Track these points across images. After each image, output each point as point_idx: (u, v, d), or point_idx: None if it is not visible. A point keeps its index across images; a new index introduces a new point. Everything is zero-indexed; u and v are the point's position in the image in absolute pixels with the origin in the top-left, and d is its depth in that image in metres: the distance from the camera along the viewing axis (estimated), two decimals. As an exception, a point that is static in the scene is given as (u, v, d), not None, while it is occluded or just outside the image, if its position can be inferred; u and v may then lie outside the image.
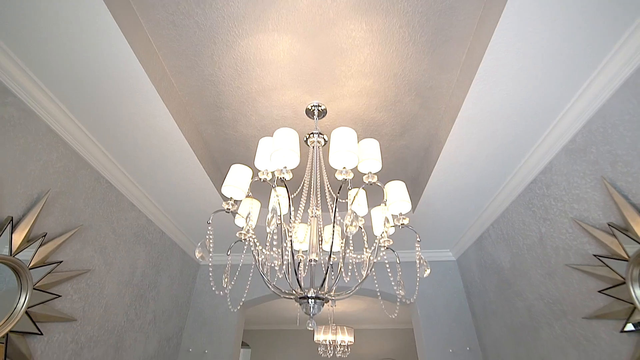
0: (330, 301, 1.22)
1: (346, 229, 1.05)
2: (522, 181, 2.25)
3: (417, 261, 1.25)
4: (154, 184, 2.45)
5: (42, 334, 1.71)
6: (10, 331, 1.56)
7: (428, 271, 1.21)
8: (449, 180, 2.36)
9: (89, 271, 2.05)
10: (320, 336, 5.64)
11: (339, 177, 1.14)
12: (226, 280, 1.37)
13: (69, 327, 1.90)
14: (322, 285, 1.15)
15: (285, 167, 1.10)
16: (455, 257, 3.60)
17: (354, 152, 1.13)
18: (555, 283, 2.02)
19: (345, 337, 5.68)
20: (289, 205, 1.23)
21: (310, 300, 1.13)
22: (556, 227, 1.99)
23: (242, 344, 8.64)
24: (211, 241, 1.14)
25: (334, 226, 1.18)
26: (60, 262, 1.81)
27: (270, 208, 0.98)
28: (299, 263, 1.38)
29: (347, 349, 5.89)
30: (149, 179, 2.39)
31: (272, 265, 1.34)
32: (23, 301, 1.60)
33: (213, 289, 1.24)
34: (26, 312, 1.64)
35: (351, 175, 1.14)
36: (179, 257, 3.24)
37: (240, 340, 3.46)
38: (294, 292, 1.17)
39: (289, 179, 1.12)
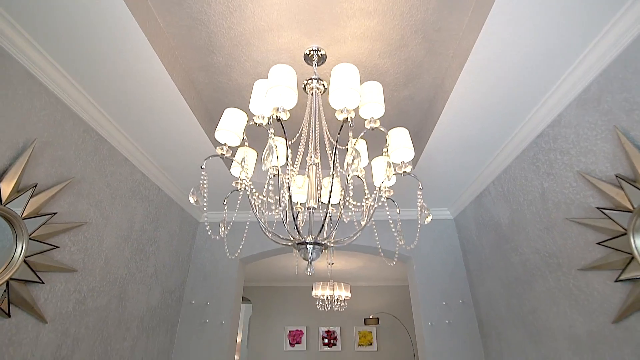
0: (328, 249, 1.20)
1: (347, 169, 1.00)
2: (528, 135, 2.17)
3: (419, 209, 1.21)
4: (146, 138, 2.37)
5: (43, 282, 1.72)
6: (11, 278, 1.57)
7: (429, 217, 1.18)
8: (452, 133, 2.28)
9: (86, 224, 2.03)
10: (318, 291, 5.87)
11: (340, 116, 1.07)
12: (223, 229, 1.35)
13: (70, 277, 1.92)
14: (320, 231, 1.12)
15: (282, 107, 1.02)
16: (453, 216, 3.62)
17: (356, 90, 1.04)
18: (553, 237, 2.02)
19: (342, 293, 5.92)
20: (287, 150, 1.16)
21: (308, 245, 1.11)
22: (559, 182, 1.95)
23: (243, 300, 9.06)
24: (205, 186, 1.09)
25: (333, 170, 1.13)
26: (55, 213, 1.78)
27: (266, 148, 0.92)
28: (297, 214, 1.35)
29: (344, 303, 6.16)
30: (140, 132, 2.30)
31: (270, 213, 1.30)
32: (20, 250, 1.59)
33: (209, 233, 1.21)
34: (25, 262, 1.64)
35: (352, 114, 1.07)
36: (177, 214, 3.24)
37: (240, 293, 3.58)
38: (292, 238, 1.15)
39: (285, 119, 1.04)
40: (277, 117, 1.02)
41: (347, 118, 1.06)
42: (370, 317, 8.21)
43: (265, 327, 8.51)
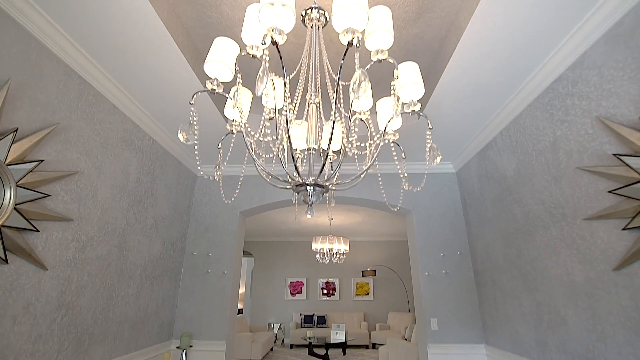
0: (328, 193, 1.13)
1: (352, 100, 0.89)
2: (545, 79, 2.02)
3: (427, 150, 1.12)
4: (134, 83, 2.21)
5: (38, 230, 1.69)
6: (3, 225, 1.53)
7: (439, 158, 1.09)
8: (463, 77, 2.12)
9: (77, 173, 1.95)
10: (317, 245, 6.02)
11: (344, 39, 0.93)
12: (217, 171, 1.27)
13: (66, 226, 1.89)
14: (321, 171, 1.04)
15: (278, 28, 0.88)
16: (455, 170, 3.55)
17: (364, 7, 0.89)
18: (561, 187, 1.96)
19: (341, 246, 6.07)
20: (284, 85, 1.04)
21: (308, 187, 1.04)
22: (574, 129, 1.84)
23: (245, 254, 9.37)
24: (196, 123, 0.98)
25: (336, 103, 1.02)
26: (42, 161, 1.69)
27: (260, 70, 0.80)
28: (297, 159, 1.26)
29: (343, 256, 6.35)
30: (127, 76, 2.13)
31: (268, 156, 1.22)
32: (9, 197, 1.53)
33: (202, 174, 1.13)
34: (16, 209, 1.58)
35: (359, 36, 0.93)
36: (174, 167, 3.17)
37: (241, 245, 3.63)
38: (291, 180, 1.07)
39: (282, 42, 0.91)
40: (272, 40, 0.88)
41: (352, 41, 0.92)
42: (368, 269, 8.55)
43: (267, 279, 8.90)
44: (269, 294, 8.74)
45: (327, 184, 1.09)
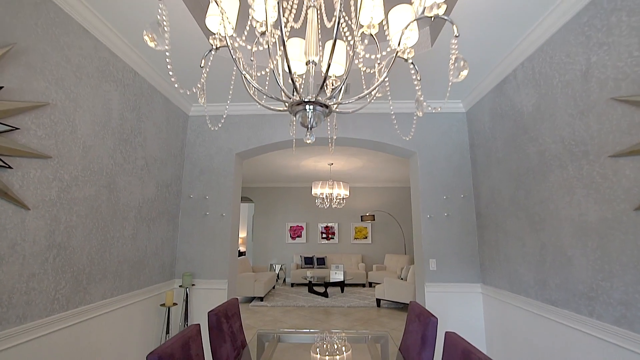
0: (330, 113, 0.95)
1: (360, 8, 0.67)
2: (586, -8, 1.71)
3: (452, 61, 0.92)
4: (106, 2, 1.88)
5: (11, 167, 1.54)
6: (-32, 162, 1.37)
7: (465, 71, 0.90)
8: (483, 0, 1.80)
9: (48, 105, 1.74)
10: (317, 190, 5.98)
11: None
12: (199, 94, 1.07)
13: (45, 164, 1.73)
14: (322, 87, 0.85)
15: None
16: (465, 109, 3.32)
17: None
18: (587, 122, 1.78)
19: (341, 191, 6.03)
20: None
21: (307, 106, 0.86)
22: (614, 53, 1.60)
23: (246, 200, 9.44)
24: (165, 22, 0.77)
25: (340, 10, 0.79)
26: (1, 87, 1.48)
27: None
28: (295, 78, 1.05)
29: (343, 201, 6.36)
30: (93, -11, 1.81)
31: (261, 74, 1.01)
32: (-32, 129, 1.35)
33: (201, 104, 0.94)
34: (-19, 143, 1.41)
35: None
36: (162, 104, 2.93)
37: (239, 188, 3.54)
38: (287, 98, 0.89)
39: None
40: None
41: None
42: (367, 214, 8.68)
43: (268, 224, 9.09)
44: (269, 238, 9.00)
45: (329, 102, 0.90)
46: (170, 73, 0.91)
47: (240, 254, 10.56)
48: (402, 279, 5.80)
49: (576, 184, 1.87)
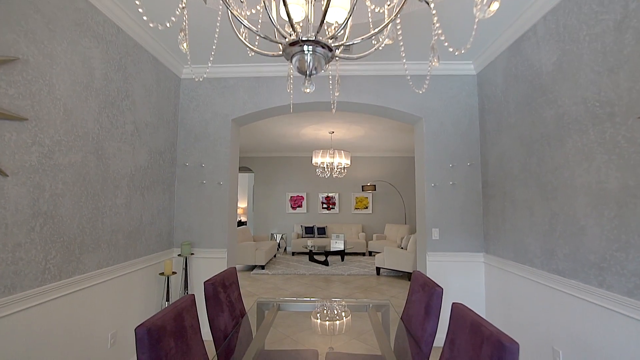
0: (332, 59, 0.80)
1: None
2: None
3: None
4: None
5: (-18, 129, 1.40)
6: None
7: (496, 4, 0.74)
8: None
9: (18, 60, 1.57)
10: (318, 159, 5.84)
11: None
12: (185, 45, 0.92)
13: (21, 126, 1.59)
14: (322, 23, 0.69)
15: None
16: (476, 71, 3.10)
17: None
18: (616, 80, 1.61)
19: (342, 160, 5.90)
20: None
21: (306, 46, 0.71)
22: (656, -3, 1.40)
23: (246, 169, 9.33)
24: None
25: None
26: (-40, 37, 1.30)
27: None
28: (291, 18, 0.88)
29: (344, 170, 6.24)
30: None
31: (252, 12, 0.85)
32: None
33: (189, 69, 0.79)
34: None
35: None
36: (151, 65, 2.72)
37: (236, 155, 3.41)
38: (283, 38, 0.73)
39: None
40: None
41: None
42: (368, 184, 8.61)
43: (268, 194, 9.05)
44: (270, 208, 9.00)
45: (331, 43, 0.75)
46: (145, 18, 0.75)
47: (242, 223, 10.64)
48: (402, 248, 5.82)
49: (597, 150, 1.73)
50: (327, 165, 5.96)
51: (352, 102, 3.15)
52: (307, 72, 0.76)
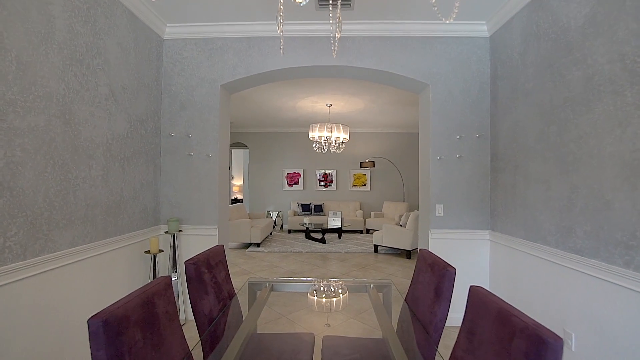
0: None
1: None
2: None
3: None
4: None
5: None
6: None
7: None
8: None
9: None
10: (315, 133, 5.58)
11: None
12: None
13: (-39, 80, 1.33)
14: None
15: None
16: (489, 33, 2.81)
17: None
18: (666, 29, 1.36)
19: (340, 135, 5.64)
20: None
21: None
22: None
23: (240, 145, 9.04)
24: None
25: None
26: None
27: None
28: None
29: (342, 145, 5.99)
30: None
31: None
32: None
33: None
34: None
35: None
36: (127, 21, 2.41)
37: (227, 125, 3.15)
38: None
39: None
40: None
41: None
42: (367, 160, 8.39)
43: (264, 171, 8.81)
44: (266, 185, 8.80)
45: None
46: None
47: (238, 201, 10.47)
48: (401, 225, 5.69)
49: (634, 113, 1.51)
50: (324, 139, 5.70)
51: (353, 67, 2.87)
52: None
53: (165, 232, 2.82)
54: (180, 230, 2.87)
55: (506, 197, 2.58)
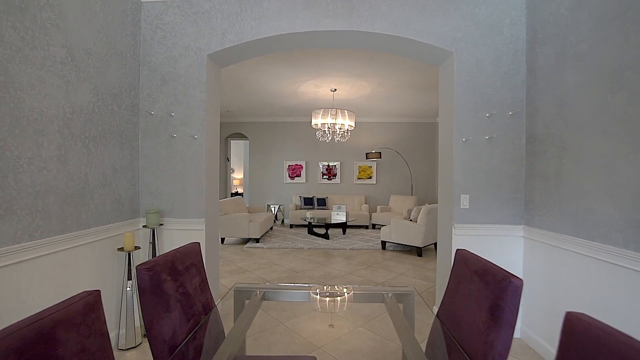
0: None
1: None
2: None
3: None
4: None
5: None
6: None
7: None
8: None
9: None
10: (318, 120, 5.15)
11: None
12: None
13: None
14: None
15: None
16: (526, -9, 2.36)
17: None
18: None
19: (345, 122, 5.20)
20: None
21: None
22: None
23: (239, 136, 8.62)
24: None
25: None
26: None
27: None
28: None
29: (347, 133, 5.56)
30: None
31: None
32: None
33: None
34: None
35: None
36: (90, -30, 1.99)
37: (216, 102, 2.73)
38: None
39: None
40: None
41: None
42: (373, 151, 7.94)
43: (264, 162, 8.40)
44: (266, 177, 8.40)
45: None
46: None
47: (238, 194, 10.09)
48: (411, 220, 5.27)
49: None
50: (328, 127, 5.27)
51: (363, 32, 2.43)
52: None
53: (144, 227, 2.42)
54: (161, 224, 2.47)
55: (547, 185, 2.15)
